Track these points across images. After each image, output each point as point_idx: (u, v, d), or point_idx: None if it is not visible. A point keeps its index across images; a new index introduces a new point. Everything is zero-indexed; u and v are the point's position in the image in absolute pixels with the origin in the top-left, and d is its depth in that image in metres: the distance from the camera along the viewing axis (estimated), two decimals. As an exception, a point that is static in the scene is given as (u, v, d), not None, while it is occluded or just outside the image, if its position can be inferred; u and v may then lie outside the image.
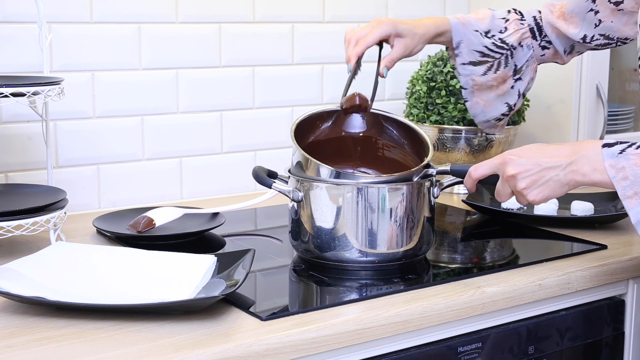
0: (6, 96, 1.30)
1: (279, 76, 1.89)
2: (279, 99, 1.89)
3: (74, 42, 1.63)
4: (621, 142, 1.12)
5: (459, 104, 1.82)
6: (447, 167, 1.33)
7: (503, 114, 1.57)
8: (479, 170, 1.26)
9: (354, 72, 1.43)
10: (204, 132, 1.81)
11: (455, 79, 1.83)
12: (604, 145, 1.13)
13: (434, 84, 1.86)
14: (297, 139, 1.34)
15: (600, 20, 1.46)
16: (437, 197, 1.35)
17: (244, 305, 1.14)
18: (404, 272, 1.30)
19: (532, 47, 1.53)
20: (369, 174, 1.46)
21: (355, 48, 1.41)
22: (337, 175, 1.29)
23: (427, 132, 1.81)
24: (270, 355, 1.03)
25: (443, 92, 1.84)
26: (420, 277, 1.31)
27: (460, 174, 1.31)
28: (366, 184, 1.27)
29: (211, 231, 1.49)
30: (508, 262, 1.41)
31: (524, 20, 1.53)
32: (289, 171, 1.36)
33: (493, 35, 1.51)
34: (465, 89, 1.55)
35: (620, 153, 1.11)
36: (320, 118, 1.44)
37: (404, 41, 1.44)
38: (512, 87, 1.54)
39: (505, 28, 1.51)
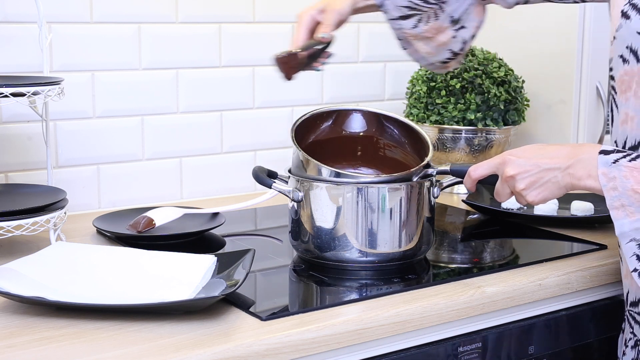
0: (6, 96, 1.30)
1: (279, 76, 1.88)
2: (279, 99, 1.89)
3: (74, 42, 1.63)
4: (618, 151, 1.11)
5: (459, 104, 1.82)
6: (447, 167, 1.33)
7: (448, 58, 1.51)
8: (479, 170, 1.26)
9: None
10: (204, 132, 1.81)
11: (455, 79, 1.83)
12: (601, 152, 1.12)
13: (434, 84, 1.86)
14: (298, 139, 1.35)
15: None
16: (437, 197, 1.35)
17: (244, 305, 1.14)
18: (404, 272, 1.30)
19: None
20: (369, 174, 1.46)
21: (295, 34, 1.42)
22: (337, 176, 1.29)
23: (427, 132, 1.81)
24: (270, 355, 1.03)
25: (443, 92, 1.84)
26: (420, 277, 1.31)
27: (460, 174, 1.31)
28: (366, 184, 1.27)
29: (211, 231, 1.49)
30: (508, 262, 1.42)
31: None
32: (289, 171, 1.36)
33: None
34: (400, 39, 1.49)
35: (613, 162, 1.10)
36: (320, 117, 1.44)
37: (329, 8, 1.42)
38: (455, 36, 1.48)
39: None
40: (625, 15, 1.15)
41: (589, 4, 1.86)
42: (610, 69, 1.21)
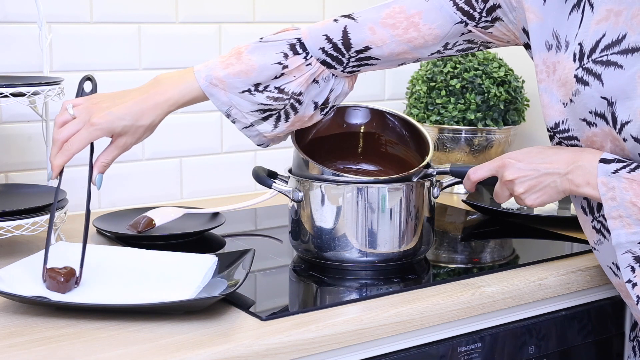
0: (6, 96, 1.30)
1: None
2: (279, 99, 1.89)
3: (74, 42, 1.63)
4: (619, 160, 1.10)
5: (459, 104, 1.82)
6: (447, 168, 1.33)
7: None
8: (478, 172, 1.26)
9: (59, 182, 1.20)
10: (204, 132, 1.81)
11: (455, 79, 1.83)
12: (602, 160, 1.12)
13: (434, 84, 1.86)
14: (298, 136, 1.34)
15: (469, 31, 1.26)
16: (437, 197, 1.35)
17: (244, 305, 1.14)
18: (404, 272, 1.30)
19: (333, 75, 1.29)
20: (370, 170, 1.46)
21: (59, 156, 1.16)
22: (336, 177, 1.29)
23: (427, 132, 1.81)
24: (270, 355, 1.03)
25: (443, 92, 1.84)
26: (420, 277, 1.31)
27: (459, 174, 1.31)
28: (366, 183, 1.27)
29: (211, 231, 1.49)
30: (508, 262, 1.41)
31: (309, 57, 1.25)
32: (289, 171, 1.36)
33: (267, 87, 1.23)
34: (260, 145, 1.33)
35: (613, 172, 1.10)
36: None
37: (121, 141, 1.20)
38: (324, 115, 1.34)
39: (282, 74, 1.23)
40: (581, 81, 1.12)
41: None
42: (556, 126, 1.17)
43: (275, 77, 1.23)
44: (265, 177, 1.35)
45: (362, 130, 1.46)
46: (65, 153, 1.16)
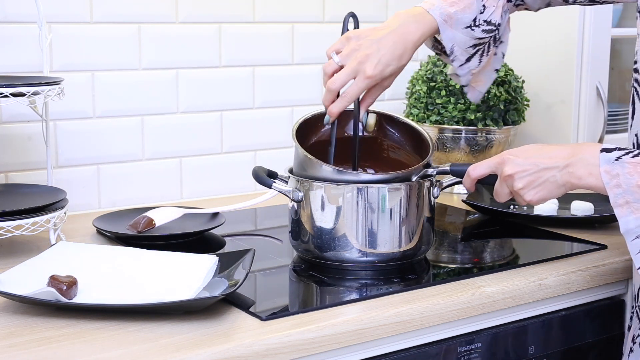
0: (6, 96, 1.30)
1: (279, 76, 1.89)
2: (279, 99, 1.89)
3: (74, 42, 1.63)
4: (620, 149, 1.11)
5: (459, 104, 1.82)
6: (447, 167, 1.33)
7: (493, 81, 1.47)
8: (478, 169, 1.26)
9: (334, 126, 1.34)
10: (204, 132, 1.81)
11: (455, 79, 1.83)
12: (602, 150, 1.12)
13: (434, 84, 1.86)
14: (299, 139, 1.34)
15: None
16: (437, 197, 1.35)
17: (244, 305, 1.14)
18: (404, 272, 1.30)
19: (508, 9, 1.40)
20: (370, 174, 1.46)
21: (337, 104, 1.30)
22: (338, 173, 1.29)
23: (427, 132, 1.81)
24: (270, 355, 1.03)
25: (443, 92, 1.84)
26: (420, 277, 1.31)
27: (459, 173, 1.31)
28: (366, 183, 1.27)
29: (211, 231, 1.49)
30: (508, 262, 1.42)
31: None
32: (289, 171, 1.36)
33: (479, 21, 1.34)
34: (465, 86, 1.43)
35: (616, 160, 1.11)
36: (321, 119, 1.44)
37: (386, 82, 1.33)
38: (496, 53, 1.42)
39: (484, 7, 1.34)
40: None
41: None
42: (635, 62, 1.21)
43: (481, 12, 1.33)
44: (265, 177, 1.35)
45: (363, 135, 1.45)
46: (343, 101, 1.29)
